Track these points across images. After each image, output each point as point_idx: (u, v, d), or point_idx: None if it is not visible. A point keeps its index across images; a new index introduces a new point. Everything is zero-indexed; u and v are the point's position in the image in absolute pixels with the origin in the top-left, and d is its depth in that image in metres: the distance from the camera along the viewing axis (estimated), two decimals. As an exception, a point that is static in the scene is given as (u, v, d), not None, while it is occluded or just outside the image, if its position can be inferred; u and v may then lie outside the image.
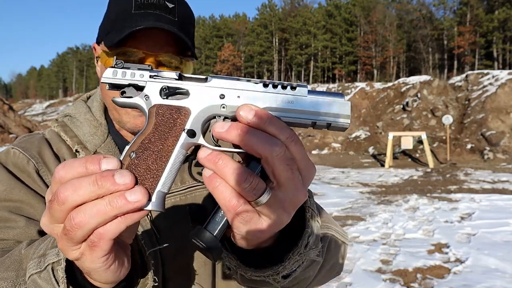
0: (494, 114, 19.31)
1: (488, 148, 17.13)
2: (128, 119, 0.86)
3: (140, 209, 0.45)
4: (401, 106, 23.72)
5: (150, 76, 0.53)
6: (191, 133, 0.51)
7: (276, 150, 0.47)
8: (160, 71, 0.54)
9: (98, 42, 0.90)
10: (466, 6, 60.36)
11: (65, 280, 0.53)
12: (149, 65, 0.54)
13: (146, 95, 0.52)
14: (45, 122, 53.88)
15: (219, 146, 0.52)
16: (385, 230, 6.26)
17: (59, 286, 0.53)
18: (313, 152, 20.27)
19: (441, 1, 65.19)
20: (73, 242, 0.45)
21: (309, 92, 0.53)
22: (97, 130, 0.91)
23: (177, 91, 0.52)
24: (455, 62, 61.74)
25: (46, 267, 0.55)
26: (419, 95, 23.52)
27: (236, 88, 0.52)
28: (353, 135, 22.15)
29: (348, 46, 71.82)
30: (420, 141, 16.69)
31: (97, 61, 0.91)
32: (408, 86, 25.24)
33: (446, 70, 60.83)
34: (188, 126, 0.51)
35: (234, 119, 0.51)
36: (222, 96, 0.52)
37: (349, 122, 0.53)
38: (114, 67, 0.53)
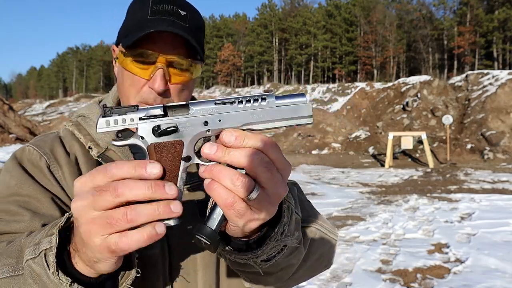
0: (494, 114, 19.31)
1: (488, 148, 17.13)
2: None
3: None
4: (401, 106, 23.72)
5: (140, 119, 0.59)
6: (187, 158, 0.61)
7: (255, 158, 0.57)
8: (147, 108, 0.60)
9: (117, 44, 0.95)
10: (466, 6, 60.36)
11: (55, 264, 0.60)
12: (135, 106, 0.60)
13: (140, 136, 0.60)
14: (45, 122, 53.90)
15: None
16: (385, 230, 6.26)
17: (49, 269, 0.60)
18: (313, 152, 20.26)
19: (441, 1, 65.20)
20: (109, 230, 0.54)
21: (277, 98, 0.62)
22: None
23: (167, 129, 0.59)
24: (455, 62, 61.75)
25: (40, 253, 0.62)
26: (419, 95, 23.52)
27: (216, 113, 0.61)
28: (353, 135, 22.14)
29: (348, 46, 71.79)
30: (420, 141, 16.69)
31: (115, 61, 0.96)
32: (408, 86, 25.24)
33: (446, 70, 60.86)
34: (184, 155, 0.60)
35: (218, 135, 0.60)
36: (206, 123, 0.61)
37: (312, 120, 0.63)
38: (104, 116, 0.59)
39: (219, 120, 0.60)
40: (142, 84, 0.87)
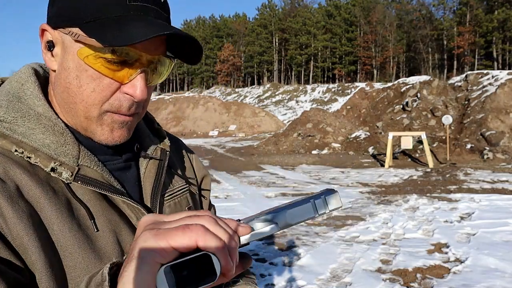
0: (493, 114, 19.34)
1: (487, 148, 17.15)
2: (103, 133, 0.69)
3: None
4: (401, 106, 23.74)
5: None
6: None
7: None
8: None
9: (57, 25, 0.67)
10: (466, 6, 60.43)
11: None
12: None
13: None
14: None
15: None
16: (385, 230, 6.27)
17: None
18: (313, 152, 20.28)
19: (441, 1, 65.28)
20: None
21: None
22: (65, 137, 0.67)
23: None
24: (455, 62, 61.83)
25: None
26: (419, 95, 23.56)
27: None
28: (353, 135, 22.15)
29: (348, 46, 71.86)
30: (420, 141, 16.70)
31: (49, 47, 0.69)
32: (407, 86, 25.26)
33: (445, 70, 60.95)
34: None
35: None
36: None
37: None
38: None
39: None
40: (114, 89, 0.65)
